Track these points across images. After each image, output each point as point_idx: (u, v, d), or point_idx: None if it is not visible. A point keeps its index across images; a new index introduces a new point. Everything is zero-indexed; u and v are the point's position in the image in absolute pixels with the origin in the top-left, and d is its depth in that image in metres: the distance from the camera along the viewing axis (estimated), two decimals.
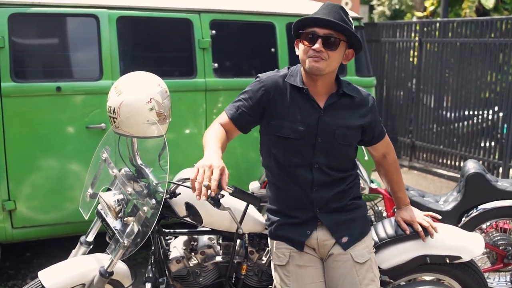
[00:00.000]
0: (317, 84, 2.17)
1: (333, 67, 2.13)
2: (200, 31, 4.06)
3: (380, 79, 7.84)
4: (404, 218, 2.42)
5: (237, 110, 2.20)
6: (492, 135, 6.58)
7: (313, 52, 2.07)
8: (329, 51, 2.07)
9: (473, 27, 6.65)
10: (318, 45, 2.05)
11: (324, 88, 2.19)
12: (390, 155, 2.43)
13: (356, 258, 2.21)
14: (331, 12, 2.09)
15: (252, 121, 2.23)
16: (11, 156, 3.57)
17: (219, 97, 4.18)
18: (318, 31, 2.07)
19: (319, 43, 2.06)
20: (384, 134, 2.38)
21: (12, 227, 3.64)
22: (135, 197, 2.17)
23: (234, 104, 2.22)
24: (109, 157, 2.32)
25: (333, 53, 2.08)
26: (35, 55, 3.82)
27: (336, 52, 2.10)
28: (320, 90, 2.19)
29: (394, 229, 2.45)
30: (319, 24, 2.07)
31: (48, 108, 3.66)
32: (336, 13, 2.09)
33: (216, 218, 2.32)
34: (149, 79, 2.23)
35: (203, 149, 2.08)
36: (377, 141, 2.36)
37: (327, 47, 2.07)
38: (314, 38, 2.07)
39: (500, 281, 3.61)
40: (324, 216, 2.22)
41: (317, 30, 2.07)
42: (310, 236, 2.21)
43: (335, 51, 2.09)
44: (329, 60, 2.08)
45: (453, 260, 2.42)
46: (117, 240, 2.17)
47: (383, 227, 2.49)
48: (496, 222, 3.50)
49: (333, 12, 2.09)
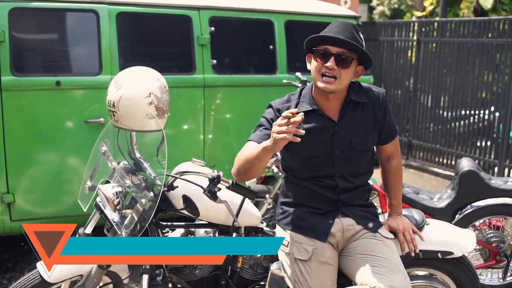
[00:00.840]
0: (330, 99, 2.22)
1: (345, 84, 2.18)
2: (199, 28, 4.09)
3: (378, 78, 7.87)
4: (392, 226, 2.40)
5: (267, 137, 2.11)
6: (488, 134, 6.62)
7: (326, 70, 2.11)
8: (341, 69, 2.11)
9: (471, 27, 6.69)
10: (331, 63, 2.10)
11: (337, 102, 2.24)
12: (395, 160, 2.44)
13: (385, 234, 2.31)
14: (344, 31, 2.13)
15: None
16: (10, 150, 3.59)
17: (217, 94, 4.21)
18: (331, 49, 2.11)
19: (332, 61, 2.10)
20: (396, 133, 2.39)
21: (10, 220, 3.67)
22: (133, 189, 2.21)
23: (260, 133, 2.20)
24: (108, 150, 2.36)
25: (345, 71, 2.13)
26: (35, 49, 3.85)
27: (348, 70, 2.14)
28: (333, 104, 2.24)
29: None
30: (332, 42, 2.11)
31: (47, 102, 3.68)
32: (348, 31, 2.13)
33: (213, 211, 2.35)
34: (149, 74, 2.26)
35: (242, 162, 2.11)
36: (388, 141, 2.37)
37: (339, 65, 2.11)
38: (327, 55, 2.11)
39: (493, 277, 3.65)
40: (347, 208, 2.30)
41: (330, 48, 2.12)
42: (333, 224, 2.27)
43: (347, 69, 2.13)
44: (341, 78, 2.12)
45: (445, 255, 2.46)
46: (115, 232, 2.20)
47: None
48: (489, 219, 3.53)
49: (345, 31, 2.13)
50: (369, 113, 2.26)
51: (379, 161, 2.49)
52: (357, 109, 2.26)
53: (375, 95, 2.28)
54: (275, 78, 4.41)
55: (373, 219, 2.34)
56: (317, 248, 2.24)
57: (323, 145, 2.22)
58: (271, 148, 1.94)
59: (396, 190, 2.46)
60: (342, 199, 2.28)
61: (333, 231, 2.27)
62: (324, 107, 2.24)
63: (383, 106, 2.29)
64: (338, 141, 2.23)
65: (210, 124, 4.21)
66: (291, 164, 2.32)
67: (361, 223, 2.30)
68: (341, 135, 2.23)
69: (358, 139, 2.24)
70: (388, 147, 2.40)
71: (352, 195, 2.30)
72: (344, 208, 2.30)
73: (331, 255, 2.27)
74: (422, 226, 2.49)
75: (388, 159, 2.44)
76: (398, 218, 2.43)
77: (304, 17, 4.57)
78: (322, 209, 2.27)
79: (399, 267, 2.17)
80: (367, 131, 2.27)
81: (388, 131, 2.34)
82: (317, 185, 2.26)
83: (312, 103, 2.23)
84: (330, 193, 2.27)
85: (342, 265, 2.30)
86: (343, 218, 2.30)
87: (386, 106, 2.30)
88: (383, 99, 2.30)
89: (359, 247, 2.26)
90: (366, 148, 2.27)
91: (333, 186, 2.26)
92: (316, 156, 2.22)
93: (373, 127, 2.28)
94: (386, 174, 2.47)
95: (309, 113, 2.21)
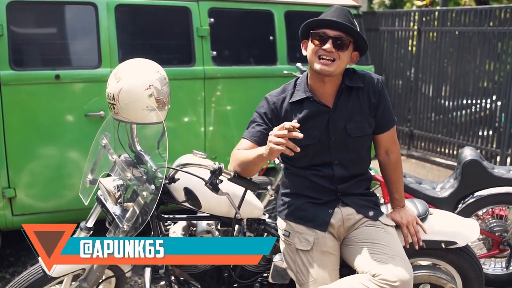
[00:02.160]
0: (325, 84, 2.23)
1: (342, 68, 2.21)
2: (198, 19, 4.06)
3: (378, 68, 7.84)
4: (395, 219, 2.39)
5: (261, 135, 2.23)
6: (490, 124, 6.60)
7: (323, 52, 2.14)
8: (339, 52, 2.15)
9: (472, 16, 6.65)
10: (329, 45, 2.13)
11: (332, 87, 2.25)
12: (394, 154, 2.41)
13: (385, 222, 2.31)
14: (341, 15, 2.17)
15: None
16: (11, 144, 3.58)
17: (218, 85, 4.19)
18: (328, 32, 2.15)
19: (330, 43, 2.13)
20: (393, 124, 2.36)
21: (12, 215, 3.67)
22: (134, 182, 2.20)
23: (253, 130, 2.26)
24: (109, 143, 2.34)
25: (343, 54, 2.16)
26: (34, 43, 3.83)
27: (346, 53, 2.17)
28: (328, 89, 2.25)
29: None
30: (330, 25, 2.15)
31: (47, 96, 3.67)
32: (345, 16, 2.17)
33: (215, 203, 2.35)
34: (148, 66, 2.24)
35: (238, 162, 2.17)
36: (384, 129, 2.34)
37: (337, 47, 2.14)
38: (325, 38, 2.15)
39: (496, 267, 3.65)
40: (346, 198, 2.30)
41: (327, 31, 2.15)
42: (333, 214, 2.27)
43: (344, 52, 2.16)
44: (339, 60, 2.15)
45: (448, 245, 2.45)
46: (117, 225, 2.19)
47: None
48: (492, 208, 3.52)
49: (342, 15, 2.17)
50: (364, 98, 2.27)
51: (377, 156, 2.45)
52: (352, 94, 2.26)
53: (370, 80, 2.29)
54: (276, 69, 4.39)
55: (373, 207, 2.33)
56: (318, 238, 2.24)
57: (319, 131, 2.23)
58: (266, 156, 2.01)
59: (398, 184, 2.43)
60: (340, 189, 2.28)
61: (333, 221, 2.27)
62: (319, 93, 2.25)
63: (377, 91, 2.28)
64: (333, 127, 2.24)
65: (211, 116, 4.19)
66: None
67: (361, 212, 2.30)
68: (336, 121, 2.23)
69: (353, 125, 2.24)
70: (385, 139, 2.36)
71: (350, 184, 2.29)
72: (344, 197, 2.30)
73: (333, 244, 2.26)
74: (425, 216, 2.48)
75: (387, 154, 2.40)
76: (402, 211, 2.41)
77: (304, 7, 4.54)
78: (321, 199, 2.27)
79: (400, 253, 2.16)
80: (363, 116, 2.26)
81: (384, 118, 2.31)
82: (315, 175, 2.27)
83: (307, 91, 2.25)
84: (327, 183, 2.27)
85: (344, 255, 2.30)
86: (343, 207, 2.29)
87: (381, 92, 2.29)
88: (379, 84, 2.29)
89: (359, 236, 2.26)
90: (362, 134, 2.27)
91: (330, 175, 2.26)
92: (312, 143, 2.23)
93: (369, 112, 2.27)
94: (385, 170, 2.44)
95: (304, 100, 2.24)
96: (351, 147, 2.27)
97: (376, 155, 2.46)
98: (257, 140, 2.23)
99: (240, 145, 2.26)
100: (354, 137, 2.25)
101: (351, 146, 2.27)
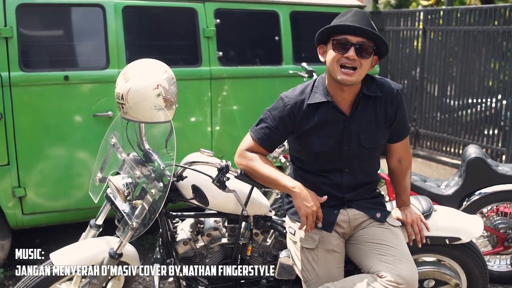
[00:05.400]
0: (345, 92, 2.18)
1: (363, 75, 2.14)
2: (204, 20, 4.10)
3: (384, 68, 7.86)
4: (400, 218, 2.42)
5: (267, 138, 2.24)
6: (496, 122, 6.61)
7: (346, 60, 2.06)
8: (361, 59, 2.07)
9: (477, 15, 6.65)
10: (352, 52, 2.04)
11: (350, 95, 2.20)
12: (406, 161, 2.40)
13: (392, 222, 2.32)
14: (361, 20, 2.07)
15: (281, 142, 2.31)
16: (21, 144, 3.63)
17: (224, 85, 4.23)
18: (350, 38, 2.06)
19: (352, 51, 2.05)
20: (407, 133, 2.34)
21: (22, 213, 3.71)
22: (143, 180, 2.24)
23: (261, 131, 2.25)
24: (118, 142, 2.38)
25: (365, 61, 2.09)
26: (43, 44, 3.88)
27: (368, 60, 2.10)
28: (346, 96, 2.19)
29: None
30: (352, 31, 2.06)
31: (56, 97, 3.71)
32: (366, 20, 2.08)
33: (222, 200, 2.38)
34: (156, 66, 2.28)
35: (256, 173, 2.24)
36: (399, 139, 2.32)
37: (359, 55, 2.06)
38: (347, 45, 2.06)
39: (501, 264, 3.66)
40: (353, 203, 2.31)
41: (350, 38, 2.06)
42: (339, 214, 2.28)
43: (367, 59, 2.09)
44: (361, 69, 2.08)
45: (452, 241, 2.48)
46: (126, 222, 2.24)
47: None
48: (496, 206, 3.54)
49: (363, 19, 2.08)
50: (381, 108, 2.22)
51: (389, 163, 2.43)
52: (369, 103, 2.21)
53: (389, 90, 2.23)
54: (281, 69, 4.42)
55: (380, 208, 2.35)
56: (324, 237, 2.26)
57: (333, 139, 2.21)
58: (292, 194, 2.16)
59: (406, 188, 2.45)
60: (347, 198, 2.28)
61: (340, 222, 2.28)
62: (337, 100, 2.19)
63: (396, 102, 2.23)
64: (347, 137, 2.21)
65: (217, 116, 4.23)
66: (300, 156, 2.32)
67: (368, 214, 2.31)
68: (351, 131, 2.20)
69: (367, 135, 2.21)
70: (398, 148, 2.35)
71: (357, 193, 2.30)
72: (350, 202, 2.31)
73: (338, 242, 2.28)
74: (430, 213, 2.51)
75: (399, 162, 2.40)
76: (407, 210, 2.44)
77: (310, 8, 4.57)
78: (328, 202, 2.25)
79: (406, 255, 2.18)
80: (378, 127, 2.23)
81: (398, 129, 2.29)
82: (323, 183, 2.26)
83: (327, 95, 2.19)
84: (335, 191, 2.27)
85: (349, 253, 2.32)
86: (349, 209, 2.31)
87: (399, 103, 2.24)
88: (398, 94, 2.23)
89: (366, 235, 2.28)
90: (375, 146, 2.25)
91: (338, 183, 2.25)
92: (325, 150, 2.22)
93: (384, 124, 2.24)
94: (396, 175, 2.44)
95: (322, 104, 2.19)
96: (363, 156, 2.25)
97: (387, 161, 2.44)
98: (263, 143, 2.25)
99: (246, 143, 2.28)
100: (367, 148, 2.23)
101: (363, 156, 2.25)
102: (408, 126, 2.33)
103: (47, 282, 2.34)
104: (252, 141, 2.27)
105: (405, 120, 2.30)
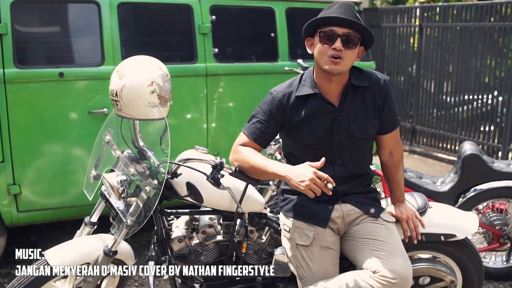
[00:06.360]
0: (332, 83, 2.20)
1: (350, 65, 2.17)
2: (200, 17, 4.09)
3: (380, 64, 7.85)
4: (395, 215, 2.42)
5: (260, 133, 2.25)
6: (492, 119, 6.62)
7: (333, 51, 2.09)
8: (348, 50, 2.10)
9: (473, 11, 6.65)
10: (339, 44, 2.08)
11: (338, 86, 2.22)
12: (397, 154, 2.41)
13: (386, 218, 2.32)
14: (347, 11, 2.11)
15: (273, 136, 2.30)
16: (16, 141, 3.62)
17: (220, 82, 4.22)
18: (337, 30, 2.09)
19: (339, 42, 2.08)
20: (397, 124, 2.35)
21: (17, 211, 3.70)
22: (137, 177, 2.23)
23: (253, 127, 2.26)
24: (112, 139, 2.38)
25: (351, 52, 2.12)
26: (38, 41, 3.86)
27: (354, 51, 2.13)
28: (334, 88, 2.22)
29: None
30: (337, 23, 2.09)
31: (51, 94, 3.70)
32: (351, 11, 2.11)
33: (217, 197, 2.38)
34: (150, 63, 2.27)
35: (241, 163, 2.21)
36: (389, 130, 2.34)
37: (346, 46, 2.09)
38: (333, 37, 2.09)
39: (497, 260, 3.68)
40: (347, 197, 2.31)
41: (335, 29, 2.09)
42: (333, 210, 2.28)
43: (353, 50, 2.12)
44: (347, 59, 2.11)
45: (448, 238, 2.48)
46: (121, 220, 2.23)
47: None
48: (492, 202, 3.55)
49: (348, 11, 2.11)
50: (369, 98, 2.25)
51: (380, 156, 2.45)
52: (357, 94, 2.24)
53: (377, 80, 2.26)
54: (277, 65, 4.41)
55: (374, 204, 2.35)
56: (318, 234, 2.26)
57: (323, 131, 2.22)
58: (283, 179, 2.09)
59: (399, 182, 2.45)
60: (340, 190, 2.27)
61: (334, 218, 2.28)
62: (325, 92, 2.23)
63: (383, 93, 2.26)
64: (337, 128, 2.22)
65: (213, 112, 4.23)
66: (292, 150, 2.34)
67: (362, 209, 2.31)
68: (340, 121, 2.22)
69: (357, 125, 2.23)
70: (389, 140, 2.36)
71: (351, 186, 2.30)
72: (344, 196, 2.31)
73: (332, 239, 2.28)
74: (425, 209, 2.51)
75: (390, 154, 2.41)
76: (402, 206, 2.44)
77: (305, 4, 4.56)
78: (321, 197, 2.23)
79: (400, 250, 2.19)
80: (367, 117, 2.25)
81: (388, 120, 2.31)
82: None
83: (314, 87, 2.22)
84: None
85: (344, 249, 2.32)
86: (343, 204, 2.31)
87: (387, 93, 2.27)
88: (385, 85, 2.27)
89: (360, 231, 2.28)
90: (366, 135, 2.26)
91: (331, 176, 2.18)
92: (316, 142, 2.23)
93: (373, 113, 2.26)
94: (388, 169, 2.44)
95: (309, 97, 2.22)
96: (354, 147, 2.26)
97: (378, 155, 2.45)
98: (256, 137, 2.25)
99: (240, 140, 2.28)
100: (357, 138, 2.24)
101: (353, 146, 2.26)
102: (398, 118, 2.36)
103: (42, 280, 2.33)
104: (245, 137, 2.28)
105: (394, 111, 2.32)
